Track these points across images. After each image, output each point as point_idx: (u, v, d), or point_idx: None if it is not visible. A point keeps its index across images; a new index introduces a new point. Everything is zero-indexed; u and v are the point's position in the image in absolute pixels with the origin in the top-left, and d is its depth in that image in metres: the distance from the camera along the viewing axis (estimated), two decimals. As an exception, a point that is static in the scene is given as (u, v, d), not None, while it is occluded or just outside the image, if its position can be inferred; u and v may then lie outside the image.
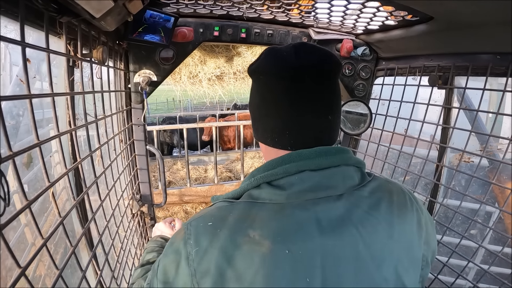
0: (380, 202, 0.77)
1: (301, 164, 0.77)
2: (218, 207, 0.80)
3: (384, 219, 0.75)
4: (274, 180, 0.78)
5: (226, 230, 0.71)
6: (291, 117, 0.80)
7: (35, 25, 0.83)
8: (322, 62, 0.80)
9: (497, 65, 1.32)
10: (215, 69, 3.60)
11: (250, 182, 0.80)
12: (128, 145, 1.76)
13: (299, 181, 0.75)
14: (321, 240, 0.69)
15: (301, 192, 0.74)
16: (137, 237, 1.88)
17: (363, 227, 0.72)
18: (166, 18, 1.46)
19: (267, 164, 0.81)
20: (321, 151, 0.79)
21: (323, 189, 0.75)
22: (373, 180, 0.83)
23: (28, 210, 0.66)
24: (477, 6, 0.95)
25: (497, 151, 2.03)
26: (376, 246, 0.72)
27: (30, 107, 0.70)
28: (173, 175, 5.87)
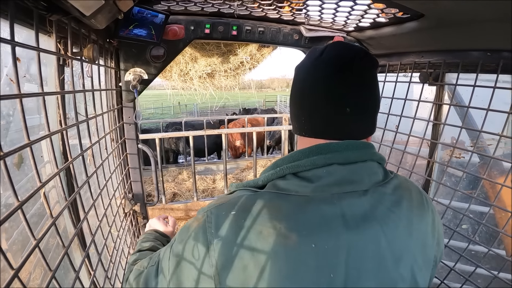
0: (402, 200, 0.78)
1: (329, 157, 0.76)
2: (241, 196, 0.77)
3: (405, 217, 0.75)
4: (301, 171, 0.77)
5: (250, 221, 0.70)
6: (321, 108, 0.79)
7: (25, 24, 0.82)
8: (357, 56, 0.79)
9: (488, 62, 1.33)
10: (206, 66, 3.57)
11: (275, 172, 0.79)
12: (119, 144, 1.75)
13: (327, 175, 0.74)
14: (346, 236, 0.68)
15: (327, 186, 0.73)
16: (129, 236, 1.88)
17: (385, 224, 0.72)
18: (154, 14, 1.45)
19: (294, 154, 0.80)
20: (350, 144, 0.78)
21: (349, 183, 0.74)
22: (395, 177, 0.83)
23: (20, 211, 0.65)
24: (467, 3, 0.96)
25: (487, 147, 2.05)
26: (396, 243, 0.72)
27: (21, 107, 0.69)
28: (178, 186, 5.42)
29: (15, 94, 0.68)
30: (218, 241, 0.70)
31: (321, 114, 0.79)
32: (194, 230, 0.76)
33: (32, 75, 1.33)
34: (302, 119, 0.83)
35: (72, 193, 1.04)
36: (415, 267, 0.74)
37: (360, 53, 0.80)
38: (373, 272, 0.69)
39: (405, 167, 1.84)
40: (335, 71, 0.77)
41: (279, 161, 0.82)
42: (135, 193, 1.97)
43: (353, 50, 0.81)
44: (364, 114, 0.82)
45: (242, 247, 0.68)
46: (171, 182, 5.38)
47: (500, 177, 1.96)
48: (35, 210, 1.43)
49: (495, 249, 1.37)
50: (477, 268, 1.41)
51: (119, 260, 1.50)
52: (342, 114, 0.78)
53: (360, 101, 0.80)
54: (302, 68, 0.84)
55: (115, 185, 1.62)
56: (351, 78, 0.78)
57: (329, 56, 0.79)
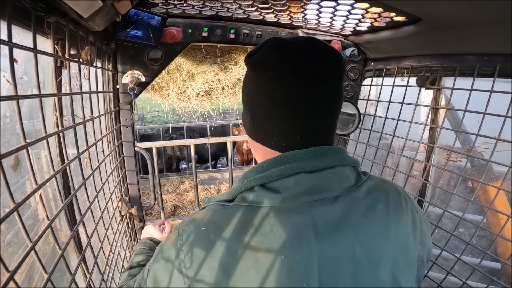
0: (376, 204, 0.76)
1: (296, 166, 0.74)
2: (211, 210, 0.77)
3: (381, 221, 0.73)
4: (268, 182, 0.74)
5: (220, 236, 0.69)
6: (304, 120, 0.76)
7: (22, 25, 0.81)
8: (336, 62, 0.77)
9: (484, 66, 1.34)
10: (203, 84, 3.49)
11: (243, 185, 0.77)
12: (116, 146, 1.74)
13: (294, 184, 0.72)
14: (317, 245, 0.67)
15: (296, 195, 0.71)
16: (126, 239, 1.87)
17: (360, 230, 0.70)
18: (150, 16, 1.45)
19: (261, 165, 0.78)
20: (317, 151, 0.76)
21: (319, 191, 0.72)
22: (369, 179, 0.81)
23: (16, 213, 0.65)
24: (464, 7, 0.97)
25: (483, 151, 2.06)
26: (373, 249, 0.70)
27: (17, 108, 0.69)
28: (179, 198, 4.96)
29: (12, 96, 0.67)
30: (189, 258, 0.70)
31: (305, 125, 0.77)
32: (167, 249, 0.75)
33: (29, 78, 1.33)
34: (271, 130, 0.79)
35: (68, 195, 1.03)
36: (396, 270, 0.72)
37: (339, 57, 0.79)
38: (351, 279, 0.68)
39: (402, 170, 1.84)
40: (308, 81, 0.74)
41: (248, 172, 0.80)
42: (131, 196, 1.97)
43: (334, 53, 0.79)
44: (335, 119, 0.82)
45: (213, 263, 0.67)
46: (172, 193, 5.09)
47: (493, 183, 1.97)
48: (30, 213, 1.43)
49: (491, 254, 1.38)
50: (474, 271, 1.42)
51: (115, 263, 1.49)
52: (316, 121, 0.77)
53: (338, 107, 0.81)
54: (279, 70, 0.76)
55: (112, 188, 1.61)
56: (326, 86, 0.76)
57: (299, 64, 0.75)
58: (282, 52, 0.77)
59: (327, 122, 0.80)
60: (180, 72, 3.26)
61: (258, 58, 0.80)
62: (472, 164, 2.16)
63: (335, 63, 0.78)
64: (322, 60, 0.76)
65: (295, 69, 0.75)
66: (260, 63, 0.80)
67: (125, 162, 1.89)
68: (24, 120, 0.70)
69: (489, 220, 1.95)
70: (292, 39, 0.81)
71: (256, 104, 0.81)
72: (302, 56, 0.75)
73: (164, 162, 6.23)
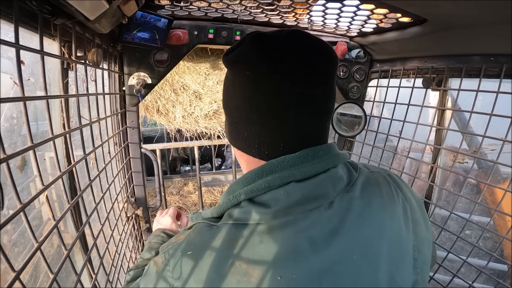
0: (371, 200, 0.70)
1: (285, 175, 0.66)
2: (197, 231, 0.71)
3: (377, 219, 0.68)
4: (256, 196, 0.67)
5: (208, 260, 0.64)
6: (289, 125, 0.69)
7: (29, 27, 0.82)
8: (326, 58, 0.70)
9: (490, 66, 1.33)
10: (211, 104, 3.35)
11: (229, 200, 0.70)
12: (122, 147, 1.75)
13: (285, 196, 0.65)
14: (316, 259, 0.61)
15: (288, 208, 0.64)
16: (132, 240, 1.87)
17: (357, 233, 0.65)
18: (157, 18, 1.46)
19: (247, 176, 0.71)
20: (307, 155, 0.68)
21: (313, 200, 0.65)
22: (360, 175, 0.74)
23: (22, 213, 0.65)
24: (469, 8, 0.96)
25: (489, 153, 2.05)
26: (371, 252, 0.65)
27: (25, 110, 0.70)
28: (183, 200, 4.88)
29: (19, 97, 0.68)
30: (178, 285, 0.66)
31: (291, 131, 0.70)
32: (155, 276, 0.73)
33: (36, 80, 1.34)
34: (251, 136, 0.72)
35: (74, 196, 1.04)
36: (392, 267, 0.66)
37: (330, 52, 0.72)
38: (352, 285, 0.62)
39: (408, 172, 1.83)
40: (293, 82, 0.67)
41: (234, 185, 0.73)
42: (137, 197, 1.97)
43: (324, 49, 0.71)
44: (327, 121, 0.75)
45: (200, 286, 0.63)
46: (176, 195, 5.02)
47: (500, 185, 1.96)
48: (34, 214, 1.44)
49: (498, 256, 1.37)
50: (480, 273, 1.41)
51: (121, 264, 1.50)
52: (304, 125, 0.70)
53: (330, 109, 0.75)
54: (258, 69, 0.68)
55: (118, 189, 1.62)
56: (314, 86, 0.69)
57: (281, 62, 0.66)
58: (262, 49, 0.68)
59: (318, 125, 0.73)
60: (187, 91, 3.17)
61: (235, 56, 0.72)
62: (479, 165, 2.15)
63: (325, 59, 0.70)
64: (309, 56, 0.68)
65: (277, 68, 0.67)
66: (237, 61, 0.72)
67: (131, 164, 1.90)
68: (40, 122, 0.71)
69: (496, 222, 1.93)
70: (274, 32, 0.72)
71: (235, 108, 0.74)
72: (285, 52, 0.67)
73: (168, 164, 6.15)
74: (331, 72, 0.72)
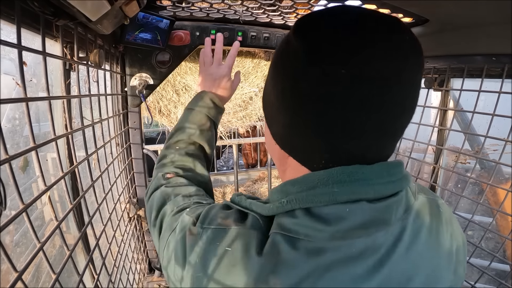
0: (420, 233, 0.60)
1: (355, 190, 0.54)
2: (247, 227, 0.60)
3: (420, 255, 0.58)
4: (315, 207, 0.55)
5: (242, 267, 0.54)
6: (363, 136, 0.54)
7: (31, 28, 0.82)
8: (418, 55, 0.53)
9: (492, 66, 1.33)
10: None
11: (281, 205, 0.57)
12: (124, 148, 1.75)
13: (350, 215, 0.53)
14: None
15: (349, 230, 0.54)
16: (134, 241, 1.88)
17: (399, 268, 0.56)
18: (159, 19, 1.46)
19: (308, 178, 0.57)
20: (382, 171, 0.56)
21: (376, 225, 0.55)
22: (416, 200, 0.63)
23: (24, 214, 0.65)
24: (471, 7, 0.96)
25: (487, 155, 2.05)
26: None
27: (27, 111, 0.70)
28: None
29: (21, 98, 0.68)
30: (199, 278, 0.58)
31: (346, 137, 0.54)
32: (178, 237, 0.66)
33: (38, 81, 1.34)
34: (310, 144, 0.57)
35: (77, 196, 1.04)
36: None
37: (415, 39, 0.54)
38: None
39: (410, 173, 1.83)
40: (376, 85, 0.50)
41: (289, 185, 0.59)
42: (139, 198, 1.97)
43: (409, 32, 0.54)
44: (404, 126, 0.59)
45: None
46: None
47: (502, 185, 1.95)
48: (36, 214, 1.44)
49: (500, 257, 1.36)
50: (483, 274, 1.40)
51: (123, 264, 1.50)
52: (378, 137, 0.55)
53: (414, 102, 0.57)
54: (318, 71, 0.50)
55: (120, 190, 1.62)
56: (396, 90, 0.52)
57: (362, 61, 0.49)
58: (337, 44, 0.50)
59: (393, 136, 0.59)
60: (189, 92, 3.08)
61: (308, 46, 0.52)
62: (481, 166, 2.14)
63: (414, 58, 0.53)
64: (395, 56, 0.51)
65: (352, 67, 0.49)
66: (310, 53, 0.52)
67: (133, 164, 1.90)
68: (42, 123, 0.71)
69: (498, 223, 1.93)
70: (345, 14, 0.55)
71: (295, 107, 0.56)
72: (367, 51, 0.50)
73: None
74: (420, 75, 0.57)
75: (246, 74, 3.08)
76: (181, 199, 0.81)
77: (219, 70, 1.16)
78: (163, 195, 0.85)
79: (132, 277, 1.74)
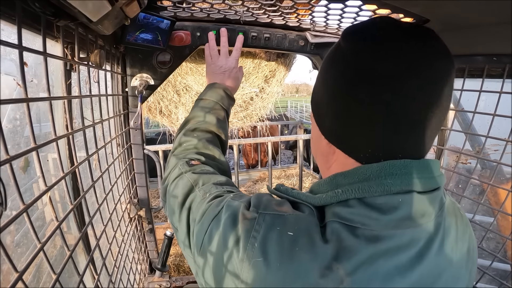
0: (450, 231, 0.64)
1: (407, 181, 0.58)
2: (303, 215, 0.62)
3: (450, 252, 0.62)
4: (369, 197, 0.59)
5: (307, 252, 0.55)
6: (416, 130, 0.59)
7: (32, 29, 0.83)
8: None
9: (493, 66, 1.33)
10: None
11: (335, 194, 0.61)
12: (125, 149, 1.75)
13: (402, 205, 0.57)
14: (405, 280, 0.56)
15: (401, 220, 0.57)
16: (134, 241, 1.88)
17: (435, 263, 0.59)
18: (159, 19, 1.46)
19: (359, 171, 0.61)
20: (428, 166, 0.61)
21: (421, 217, 0.59)
22: (446, 200, 0.68)
23: (25, 214, 0.65)
24: (472, 8, 0.96)
25: (492, 153, 2.04)
26: (438, 284, 0.60)
27: (28, 111, 0.70)
28: None
29: (22, 98, 0.68)
30: (258, 263, 0.56)
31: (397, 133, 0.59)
32: (226, 222, 0.64)
33: (39, 81, 1.35)
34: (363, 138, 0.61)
35: (77, 197, 1.04)
36: None
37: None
38: None
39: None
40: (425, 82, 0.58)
41: (339, 177, 0.63)
42: (140, 198, 1.97)
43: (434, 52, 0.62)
44: (440, 125, 0.64)
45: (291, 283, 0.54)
46: None
47: (503, 185, 1.95)
48: (37, 215, 1.44)
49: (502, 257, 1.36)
50: (484, 274, 1.40)
51: (124, 264, 1.50)
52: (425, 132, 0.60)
53: (449, 103, 0.64)
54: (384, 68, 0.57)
55: (121, 190, 1.62)
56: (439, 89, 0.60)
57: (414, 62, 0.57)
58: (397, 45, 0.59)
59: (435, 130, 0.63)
60: (190, 92, 3.10)
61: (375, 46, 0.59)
62: (482, 166, 2.14)
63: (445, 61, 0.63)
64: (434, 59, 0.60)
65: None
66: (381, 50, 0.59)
67: (134, 165, 1.90)
68: (42, 123, 0.71)
69: (499, 223, 1.92)
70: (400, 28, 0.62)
71: (353, 101, 0.60)
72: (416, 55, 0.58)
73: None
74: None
75: (247, 75, 3.08)
76: (213, 186, 0.82)
77: (227, 62, 1.24)
78: (190, 181, 0.86)
79: (132, 278, 1.74)
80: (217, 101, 1.14)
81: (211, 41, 1.26)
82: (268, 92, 3.35)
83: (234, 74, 1.24)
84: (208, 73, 1.26)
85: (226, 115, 1.15)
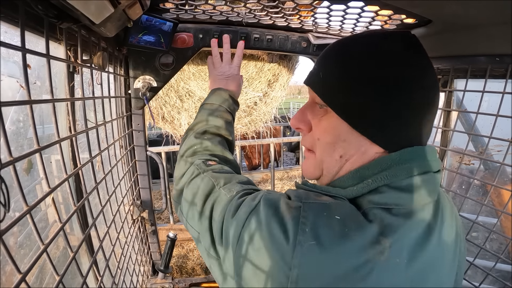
0: (445, 215, 0.71)
1: (423, 164, 0.67)
2: (343, 204, 0.65)
3: (446, 236, 0.70)
4: (395, 182, 0.66)
5: (356, 231, 0.59)
6: (427, 124, 0.71)
7: (35, 31, 0.83)
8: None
9: (496, 67, 1.32)
10: None
11: (365, 185, 0.67)
12: (128, 150, 1.76)
13: (423, 184, 0.66)
14: (427, 252, 0.63)
15: (423, 196, 0.66)
16: (137, 243, 1.88)
17: (438, 246, 0.67)
18: (162, 21, 1.47)
19: (381, 161, 0.68)
20: (432, 151, 0.71)
21: (430, 194, 0.67)
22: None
23: (28, 216, 0.66)
24: (475, 8, 0.96)
25: (492, 156, 2.04)
26: (439, 268, 0.67)
27: (31, 113, 0.70)
28: None
29: (25, 101, 0.69)
30: (312, 246, 0.58)
31: (419, 126, 0.70)
32: (268, 214, 0.64)
33: (42, 83, 1.35)
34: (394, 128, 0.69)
35: (80, 199, 1.04)
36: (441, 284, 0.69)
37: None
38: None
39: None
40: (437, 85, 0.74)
41: (363, 170, 0.70)
42: (143, 199, 1.98)
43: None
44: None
45: (349, 261, 0.57)
46: None
47: (506, 186, 1.94)
48: (40, 216, 1.45)
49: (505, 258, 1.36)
50: (487, 276, 1.40)
51: (127, 266, 1.50)
52: (430, 125, 0.73)
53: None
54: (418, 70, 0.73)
55: (124, 192, 1.63)
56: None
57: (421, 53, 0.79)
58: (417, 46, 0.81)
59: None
60: (192, 98, 3.10)
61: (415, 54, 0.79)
62: (485, 166, 2.13)
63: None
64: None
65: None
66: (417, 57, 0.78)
67: (137, 166, 1.91)
68: (46, 125, 0.71)
69: (503, 224, 1.91)
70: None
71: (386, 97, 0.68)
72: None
73: (173, 166, 6.20)
74: None
75: (250, 80, 3.07)
76: (237, 185, 0.83)
77: (230, 69, 1.26)
78: (212, 180, 0.87)
79: (135, 279, 1.74)
80: (222, 104, 1.16)
81: (213, 48, 1.28)
82: (272, 96, 3.34)
83: (237, 80, 1.27)
84: (211, 79, 1.29)
85: (232, 119, 1.17)
